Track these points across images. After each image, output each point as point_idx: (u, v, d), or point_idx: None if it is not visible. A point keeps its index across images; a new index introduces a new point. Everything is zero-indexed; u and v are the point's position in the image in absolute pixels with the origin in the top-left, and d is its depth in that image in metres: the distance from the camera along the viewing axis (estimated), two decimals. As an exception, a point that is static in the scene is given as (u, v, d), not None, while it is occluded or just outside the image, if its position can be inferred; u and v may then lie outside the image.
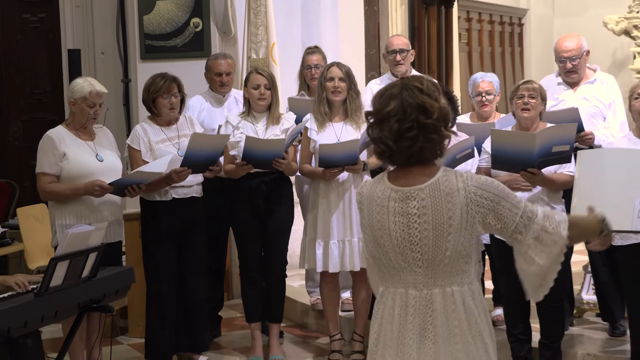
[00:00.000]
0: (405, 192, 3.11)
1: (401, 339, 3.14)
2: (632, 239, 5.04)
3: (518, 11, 13.19)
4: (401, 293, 3.15)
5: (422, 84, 3.13)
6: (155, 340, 5.85)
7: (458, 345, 3.11)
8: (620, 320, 5.84)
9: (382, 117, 3.11)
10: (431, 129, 3.09)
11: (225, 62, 6.55)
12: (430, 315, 3.11)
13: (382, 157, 3.18)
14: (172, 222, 5.76)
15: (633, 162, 4.65)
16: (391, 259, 3.14)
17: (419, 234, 3.08)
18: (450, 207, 3.07)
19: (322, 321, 6.51)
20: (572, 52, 5.92)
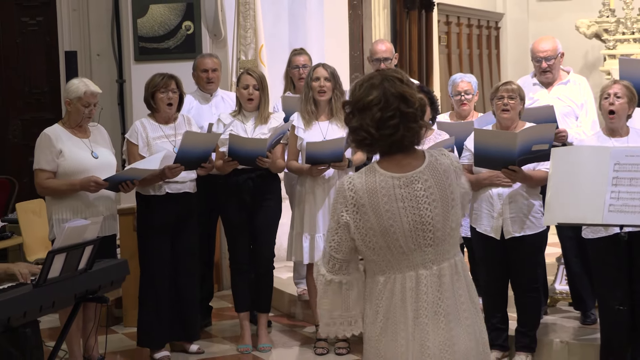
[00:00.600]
0: (409, 177, 3.08)
1: (415, 319, 3.10)
2: (601, 232, 5.05)
3: (495, 15, 13.21)
4: (411, 276, 3.11)
5: (401, 75, 3.14)
6: (149, 329, 5.84)
7: (465, 314, 3.14)
8: (591, 309, 5.86)
9: (364, 106, 3.08)
10: (412, 118, 3.09)
11: (211, 60, 6.58)
12: (439, 290, 3.11)
13: (361, 145, 3.15)
14: (166, 216, 5.75)
15: (602, 159, 4.67)
16: (401, 245, 3.09)
17: (430, 213, 3.07)
18: (449, 183, 3.12)
19: (309, 311, 6.51)
20: (547, 53, 5.94)
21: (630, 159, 4.64)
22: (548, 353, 5.59)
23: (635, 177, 4.57)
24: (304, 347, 6.17)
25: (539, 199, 5.35)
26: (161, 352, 5.89)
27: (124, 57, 8.27)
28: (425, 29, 10.58)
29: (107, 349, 5.50)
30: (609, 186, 4.60)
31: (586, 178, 4.69)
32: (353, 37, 9.54)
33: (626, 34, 10.96)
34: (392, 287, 3.13)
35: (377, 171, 3.11)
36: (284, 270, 7.34)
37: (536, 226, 5.34)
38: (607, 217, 4.58)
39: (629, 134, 5.19)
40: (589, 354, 5.44)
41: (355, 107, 3.12)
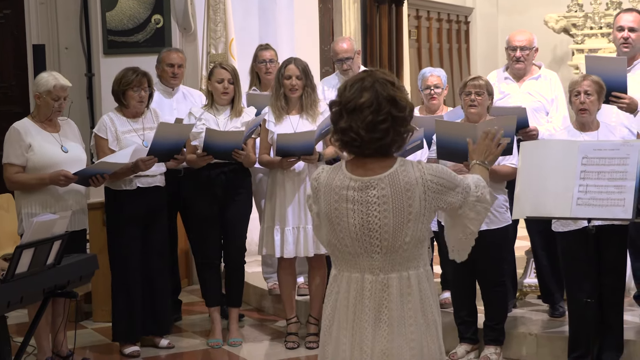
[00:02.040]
0: (365, 182, 3.07)
1: (357, 322, 3.10)
2: (571, 226, 5.09)
3: (464, 9, 13.25)
4: (356, 277, 3.11)
5: (392, 78, 3.11)
6: (123, 323, 5.82)
7: (412, 328, 3.10)
8: (559, 302, 5.90)
9: (355, 108, 3.05)
10: (402, 122, 3.08)
11: (177, 55, 6.53)
12: (385, 299, 3.08)
13: (350, 147, 3.11)
14: (136, 209, 5.73)
15: (571, 153, 4.70)
16: (347, 245, 3.11)
17: (379, 221, 3.05)
18: (409, 196, 3.05)
19: (279, 305, 6.51)
20: (523, 42, 5.99)
21: (598, 153, 4.67)
22: (517, 345, 5.63)
23: (603, 170, 4.61)
24: (275, 342, 6.17)
25: (504, 194, 5.39)
26: (131, 347, 5.87)
27: (92, 51, 8.21)
28: (396, 23, 10.60)
29: (76, 344, 5.47)
30: (577, 180, 4.63)
31: (555, 172, 4.72)
32: (323, 31, 9.54)
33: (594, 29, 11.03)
34: (340, 284, 3.15)
35: (340, 170, 3.13)
36: (254, 265, 7.33)
37: (500, 220, 5.36)
38: (575, 210, 4.61)
39: (599, 128, 5.23)
40: (557, 346, 5.49)
41: (344, 108, 3.08)
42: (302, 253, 5.88)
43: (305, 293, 6.40)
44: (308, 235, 5.83)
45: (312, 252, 5.87)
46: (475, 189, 3.21)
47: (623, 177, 4.56)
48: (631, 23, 5.81)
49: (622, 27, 5.82)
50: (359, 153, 3.11)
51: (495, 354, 5.47)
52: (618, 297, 5.20)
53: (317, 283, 6.01)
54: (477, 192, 3.21)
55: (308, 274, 6.14)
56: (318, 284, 6.00)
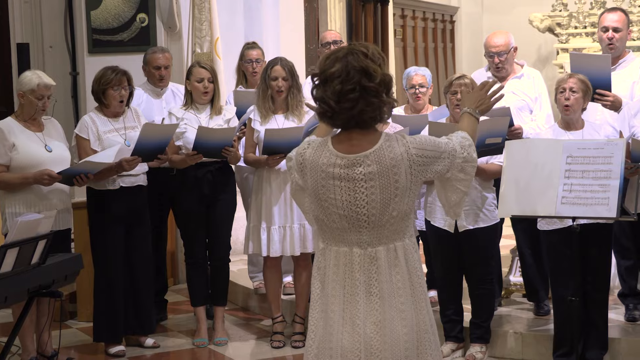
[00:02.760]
0: (351, 159, 3.11)
1: (347, 295, 3.15)
2: (556, 224, 5.11)
3: (449, 9, 13.28)
4: (345, 251, 3.17)
5: (367, 49, 3.14)
6: (104, 323, 5.80)
7: (402, 299, 3.16)
8: (544, 301, 5.92)
9: (326, 78, 3.10)
10: (372, 93, 3.09)
11: (164, 56, 6.50)
12: (374, 271, 3.14)
13: (323, 117, 3.17)
14: (120, 209, 5.71)
15: (555, 152, 4.71)
16: (335, 221, 3.15)
17: (366, 197, 3.10)
18: (396, 172, 3.10)
19: (265, 304, 6.51)
20: (499, 48, 5.97)
21: (583, 152, 4.69)
22: (502, 344, 5.64)
23: (587, 169, 4.63)
24: (260, 341, 6.16)
25: (492, 192, 5.40)
26: (116, 347, 5.84)
27: (77, 50, 8.17)
28: (381, 22, 10.61)
29: (61, 344, 5.44)
30: (561, 179, 4.65)
31: (539, 171, 4.73)
32: (309, 30, 9.54)
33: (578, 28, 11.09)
34: (328, 258, 3.20)
35: (326, 146, 3.16)
36: (240, 264, 7.33)
37: (489, 219, 5.38)
38: (560, 209, 4.63)
39: (584, 127, 5.24)
40: (542, 344, 5.51)
41: (319, 79, 3.15)
42: (289, 252, 5.88)
43: (291, 292, 6.39)
44: (294, 234, 5.83)
45: (298, 251, 5.87)
46: (461, 150, 3.25)
47: (607, 176, 4.58)
48: (615, 23, 5.82)
49: (607, 28, 5.83)
50: (332, 124, 3.17)
51: (481, 352, 5.49)
52: (602, 296, 5.22)
53: (303, 282, 6.01)
54: (463, 153, 3.25)
55: (294, 273, 6.14)
56: (304, 283, 6.00)
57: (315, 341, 3.23)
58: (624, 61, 5.84)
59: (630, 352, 5.37)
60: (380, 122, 3.16)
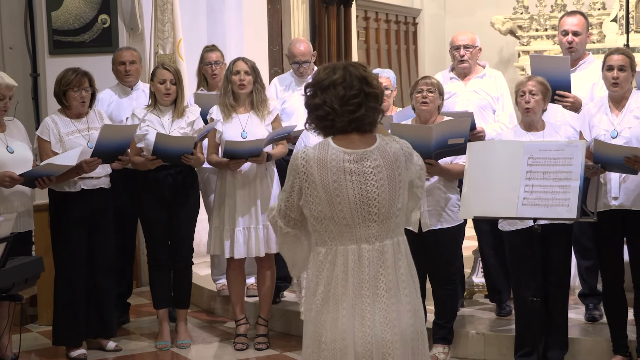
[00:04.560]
0: (360, 154, 3.25)
1: (356, 292, 3.23)
2: (517, 225, 5.15)
3: (412, 11, 13.34)
4: (353, 249, 3.25)
5: (364, 65, 3.34)
6: (64, 327, 5.75)
7: (406, 291, 3.28)
8: (506, 301, 5.96)
9: (328, 85, 3.24)
10: (374, 98, 3.27)
11: (129, 52, 6.50)
12: (381, 266, 3.25)
13: (324, 121, 3.27)
14: (81, 212, 5.66)
15: (516, 153, 4.74)
16: (346, 216, 3.24)
17: (377, 189, 3.23)
18: (398, 165, 3.28)
19: (228, 306, 6.49)
20: (466, 41, 6.05)
21: (543, 153, 4.72)
22: (465, 344, 5.67)
23: (548, 170, 4.66)
24: (224, 343, 6.15)
25: (457, 193, 5.43)
26: (77, 350, 5.80)
27: (38, 51, 8.10)
28: (344, 24, 10.62)
29: (21, 348, 5.39)
30: (522, 180, 4.68)
31: (501, 172, 4.76)
32: (272, 32, 9.52)
33: (539, 31, 11.19)
34: (334, 259, 3.26)
35: (330, 145, 3.27)
36: (202, 266, 7.30)
37: (453, 219, 5.41)
38: (521, 210, 4.66)
39: (544, 128, 5.28)
40: (504, 344, 5.54)
41: (318, 87, 3.27)
42: (254, 253, 5.86)
43: (255, 294, 6.38)
44: (259, 235, 5.83)
45: (263, 252, 5.86)
46: (418, 158, 3.43)
47: (568, 177, 4.62)
48: (575, 27, 5.88)
49: (567, 31, 5.89)
50: (331, 127, 3.28)
51: (444, 353, 5.51)
52: (563, 295, 5.26)
53: (266, 284, 6.00)
54: (419, 161, 3.44)
55: (257, 275, 6.12)
56: (268, 285, 5.99)
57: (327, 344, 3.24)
58: (584, 63, 5.90)
59: (590, 352, 5.43)
60: (372, 128, 3.30)
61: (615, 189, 5.08)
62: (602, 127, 5.11)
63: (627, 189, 5.05)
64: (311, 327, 3.30)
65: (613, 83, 5.10)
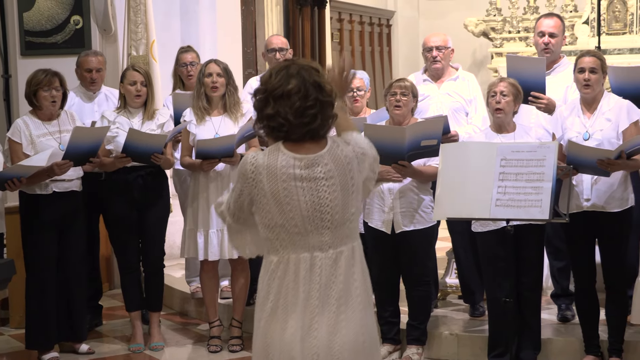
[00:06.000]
0: (310, 159, 3.13)
1: (306, 301, 3.13)
2: (490, 226, 5.16)
3: (386, 13, 13.36)
4: (305, 257, 3.14)
5: (316, 65, 3.19)
6: (36, 330, 5.69)
7: (358, 299, 3.18)
8: (479, 302, 5.97)
9: (282, 94, 3.10)
10: (328, 107, 3.16)
11: (96, 59, 6.42)
12: (333, 274, 3.15)
13: (277, 132, 3.15)
14: (52, 214, 5.61)
15: (489, 155, 4.76)
16: (297, 224, 3.13)
17: (329, 195, 3.13)
18: (350, 169, 3.17)
19: (202, 308, 6.46)
20: (438, 42, 6.06)
21: (516, 155, 4.74)
22: (438, 345, 5.67)
23: (521, 172, 4.68)
24: (197, 345, 6.12)
25: (429, 194, 5.43)
26: (50, 354, 5.74)
27: (9, 52, 8.01)
28: (318, 25, 10.63)
29: (-7, 352, 5.35)
30: (495, 181, 4.69)
31: (474, 173, 4.77)
32: (246, 33, 9.51)
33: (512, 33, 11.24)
34: (285, 268, 3.16)
35: (280, 151, 3.16)
36: (176, 268, 7.27)
37: (426, 221, 5.41)
38: (494, 211, 4.67)
39: (515, 129, 5.30)
40: (477, 344, 5.55)
41: (271, 95, 3.12)
42: (227, 255, 5.84)
43: (228, 296, 6.36)
44: (233, 237, 5.80)
45: (236, 254, 5.83)
46: (370, 148, 3.30)
47: (540, 179, 4.63)
48: (552, 29, 5.91)
49: (543, 33, 5.91)
50: (286, 138, 3.16)
51: (417, 354, 5.51)
52: (536, 296, 5.28)
53: (240, 285, 5.97)
54: (372, 151, 3.30)
55: (231, 277, 6.10)
56: (241, 287, 5.97)
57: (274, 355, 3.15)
58: (559, 66, 5.93)
59: (563, 352, 5.45)
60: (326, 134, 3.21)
61: (587, 191, 5.10)
62: (575, 129, 5.14)
63: (599, 190, 5.08)
64: (260, 339, 3.19)
65: (584, 85, 5.12)
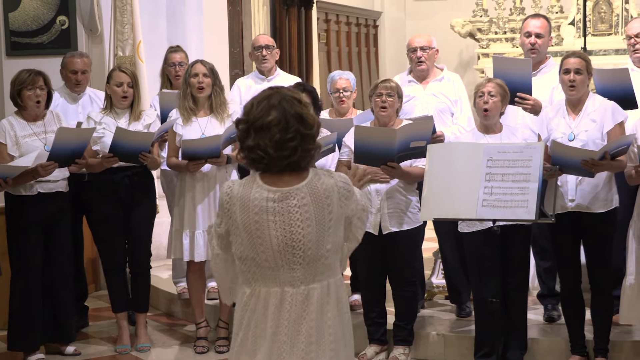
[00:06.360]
0: (285, 192, 3.03)
1: (274, 336, 3.04)
2: (477, 226, 5.17)
3: (373, 13, 13.37)
4: (276, 292, 3.06)
5: (299, 96, 3.10)
6: (20, 331, 5.66)
7: (331, 337, 3.09)
8: (466, 302, 5.99)
9: (262, 126, 3.01)
10: (310, 140, 3.06)
11: (81, 60, 6.39)
12: (305, 310, 3.06)
13: (257, 164, 3.07)
14: (37, 215, 5.59)
15: (476, 155, 4.77)
16: (268, 259, 3.05)
17: (302, 230, 3.03)
18: (329, 202, 3.06)
19: (189, 309, 6.45)
20: (423, 43, 6.06)
21: (503, 155, 4.76)
22: (425, 345, 5.68)
23: (507, 172, 4.69)
24: (184, 346, 6.11)
25: (416, 195, 5.44)
26: (35, 355, 5.71)
27: (-6, 52, 8.00)
28: (305, 26, 10.62)
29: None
30: (482, 182, 4.71)
31: (461, 174, 4.78)
32: (232, 34, 9.50)
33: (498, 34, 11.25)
34: (257, 301, 3.08)
35: (255, 182, 3.08)
36: (163, 269, 7.26)
37: (413, 221, 5.42)
38: (481, 212, 4.68)
39: (502, 130, 5.32)
40: (464, 345, 5.57)
41: (252, 126, 3.04)
42: (214, 256, 5.82)
43: (215, 297, 6.35)
44: (219, 238, 5.79)
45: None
46: (360, 198, 3.24)
47: (526, 179, 4.65)
48: (538, 29, 5.92)
49: (530, 33, 5.93)
50: (267, 170, 3.08)
51: (404, 354, 5.52)
52: (522, 296, 5.29)
53: (227, 287, 5.96)
54: (362, 200, 3.25)
55: (217, 278, 6.09)
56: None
57: None
58: (545, 67, 5.94)
59: (549, 352, 5.47)
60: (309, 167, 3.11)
61: (571, 191, 5.12)
62: (560, 130, 5.15)
63: (583, 190, 5.10)
64: None
65: (570, 86, 5.14)
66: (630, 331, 5.52)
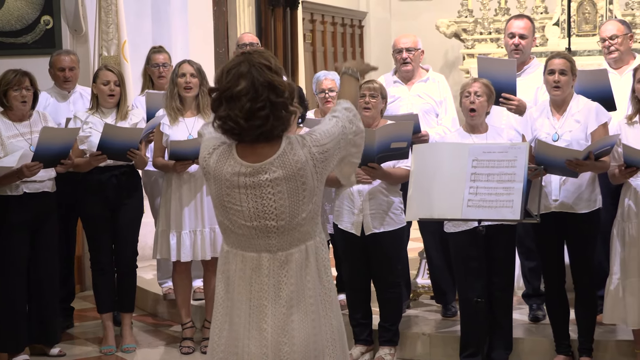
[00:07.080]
0: (256, 167, 3.04)
1: (254, 300, 3.07)
2: (462, 226, 5.19)
3: (358, 14, 13.39)
4: (252, 257, 3.09)
5: (269, 62, 3.06)
6: (5, 332, 5.64)
7: (311, 300, 3.10)
8: (451, 302, 6.00)
9: (232, 96, 3.00)
10: (281, 107, 3.04)
11: (69, 57, 6.39)
12: (284, 275, 3.07)
13: (230, 134, 3.07)
14: (23, 215, 5.57)
15: (461, 156, 4.79)
16: (242, 228, 3.07)
17: (274, 203, 3.03)
18: (302, 174, 3.05)
19: (174, 310, 6.44)
20: (408, 44, 6.07)
21: (488, 155, 4.77)
22: (411, 345, 5.70)
23: (492, 172, 4.71)
24: (170, 347, 6.10)
25: (399, 196, 5.45)
26: (20, 356, 5.69)
27: (-22, 52, 7.96)
28: (290, 26, 10.64)
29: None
30: (467, 182, 4.72)
31: (446, 174, 4.80)
32: (218, 34, 9.49)
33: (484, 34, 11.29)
34: (234, 261, 3.11)
35: (231, 155, 3.08)
36: (148, 270, 7.24)
37: (396, 222, 5.43)
38: (466, 212, 4.70)
39: (487, 130, 5.34)
40: (449, 345, 5.58)
41: (222, 96, 3.04)
42: (200, 256, 5.83)
43: (201, 297, 6.34)
44: (205, 238, 5.79)
45: (209, 255, 5.81)
46: (350, 125, 3.20)
47: (511, 179, 4.67)
48: (522, 30, 5.95)
49: (513, 34, 5.95)
50: (240, 140, 3.08)
51: (390, 354, 5.53)
52: (507, 296, 5.32)
53: (213, 287, 5.93)
54: (352, 127, 3.20)
55: (204, 278, 6.09)
56: (214, 288, 5.94)
57: (220, 345, 3.16)
58: (529, 67, 5.97)
59: (534, 351, 5.49)
60: (287, 132, 3.11)
61: (555, 191, 5.15)
62: (544, 130, 5.18)
63: (567, 190, 5.12)
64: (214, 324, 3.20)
65: (554, 87, 5.16)
66: (614, 331, 5.55)
